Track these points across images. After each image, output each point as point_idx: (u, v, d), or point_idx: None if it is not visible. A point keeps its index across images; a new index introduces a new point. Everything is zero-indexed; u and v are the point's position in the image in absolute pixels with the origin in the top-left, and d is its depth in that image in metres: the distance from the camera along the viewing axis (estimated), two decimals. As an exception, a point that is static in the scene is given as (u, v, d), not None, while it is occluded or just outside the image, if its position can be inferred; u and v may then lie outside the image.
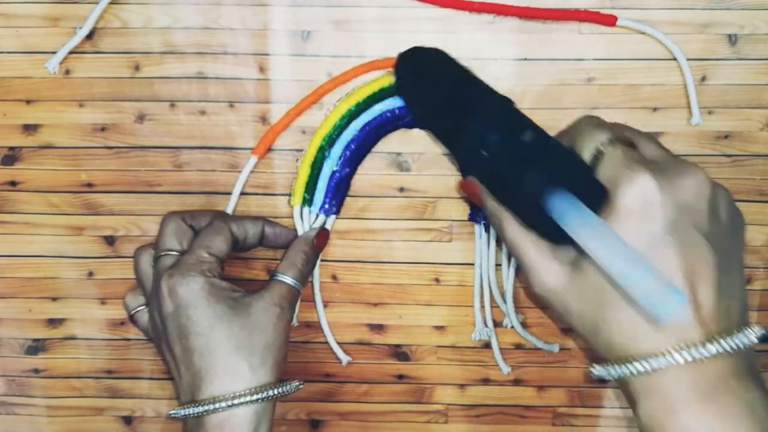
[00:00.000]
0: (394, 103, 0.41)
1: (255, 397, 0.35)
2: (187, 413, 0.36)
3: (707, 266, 0.28)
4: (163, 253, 0.38)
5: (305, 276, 0.40)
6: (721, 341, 0.27)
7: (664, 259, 0.28)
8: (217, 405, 0.35)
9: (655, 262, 0.27)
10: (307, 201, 0.42)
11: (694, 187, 0.29)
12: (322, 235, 0.42)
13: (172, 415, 0.37)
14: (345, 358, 0.45)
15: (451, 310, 0.44)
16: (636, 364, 0.28)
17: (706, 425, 0.27)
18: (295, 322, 0.44)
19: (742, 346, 0.27)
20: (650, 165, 0.29)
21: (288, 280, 0.39)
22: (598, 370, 0.31)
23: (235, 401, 0.35)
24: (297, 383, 0.38)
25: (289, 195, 0.43)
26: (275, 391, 0.36)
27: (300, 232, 0.42)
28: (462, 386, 0.46)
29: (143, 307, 0.41)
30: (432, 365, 0.46)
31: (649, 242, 0.28)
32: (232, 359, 0.36)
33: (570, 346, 0.45)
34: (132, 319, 0.42)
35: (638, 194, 0.28)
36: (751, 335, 0.28)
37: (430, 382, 0.46)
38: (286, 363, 0.38)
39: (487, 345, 0.45)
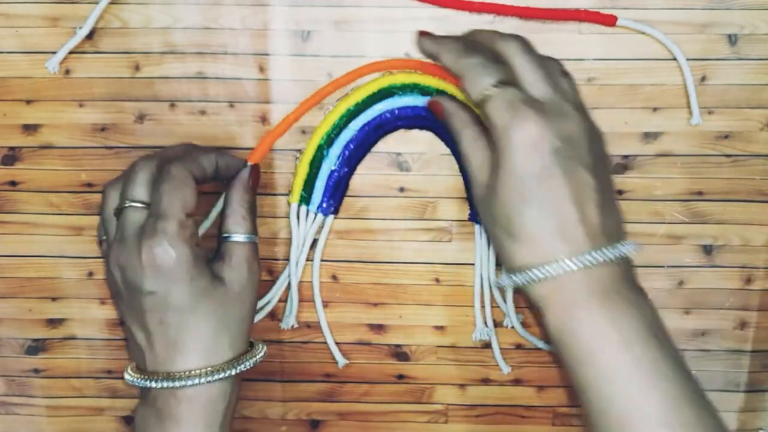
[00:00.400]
0: (393, 103, 0.41)
1: (233, 371, 0.35)
2: (160, 385, 0.35)
3: (591, 190, 0.33)
4: (129, 204, 0.36)
5: (255, 224, 0.39)
6: (606, 250, 0.33)
7: (556, 185, 0.33)
8: (195, 381, 0.34)
9: (548, 187, 0.33)
10: (305, 199, 0.42)
11: (573, 126, 0.34)
12: (255, 174, 0.39)
13: (132, 383, 0.36)
14: (342, 361, 0.45)
15: (451, 310, 0.44)
16: (535, 270, 0.33)
17: (602, 318, 0.33)
18: (294, 324, 0.44)
19: (623, 254, 0.33)
20: (535, 104, 0.34)
21: (244, 238, 0.37)
22: (502, 279, 0.35)
23: (215, 376, 0.35)
24: (261, 345, 0.38)
25: (289, 194, 0.43)
26: (250, 362, 0.36)
27: (296, 231, 0.42)
28: (462, 386, 0.46)
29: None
30: (432, 365, 0.45)
31: (540, 171, 0.33)
32: (211, 335, 0.35)
33: (570, 346, 0.45)
34: (100, 243, 0.39)
35: (526, 135, 0.33)
36: (629, 246, 0.34)
37: (430, 382, 0.46)
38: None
39: (487, 345, 0.45)
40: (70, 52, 0.41)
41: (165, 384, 0.35)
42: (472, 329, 0.45)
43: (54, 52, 0.41)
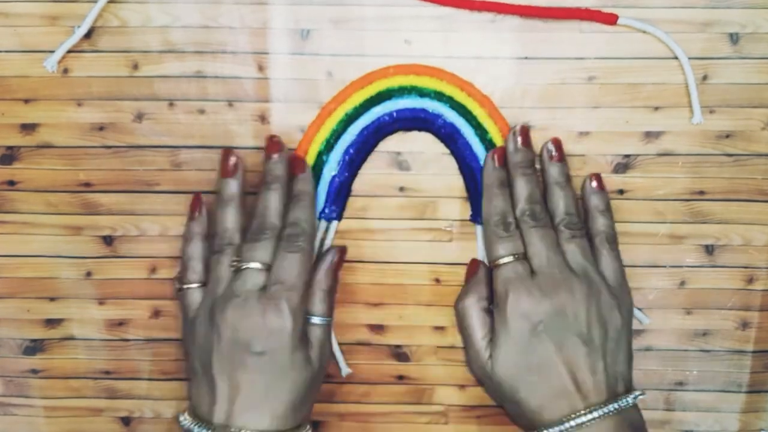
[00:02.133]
0: (391, 105, 0.41)
1: None
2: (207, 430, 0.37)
3: (582, 357, 0.37)
4: (249, 266, 0.38)
5: (332, 307, 0.41)
6: (598, 410, 0.36)
7: (545, 350, 0.37)
8: None
9: (540, 351, 0.37)
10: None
11: (566, 298, 0.37)
12: (340, 257, 0.42)
13: (190, 428, 0.37)
14: (346, 370, 0.45)
15: (451, 311, 0.44)
16: (544, 430, 0.37)
17: None
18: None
19: (616, 409, 0.36)
20: (529, 281, 0.38)
21: (320, 320, 0.40)
22: None
23: None
24: (309, 425, 0.40)
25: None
26: None
27: None
28: (462, 387, 0.46)
29: (196, 286, 0.40)
30: (432, 366, 0.45)
31: (531, 336, 0.38)
32: (288, 403, 0.38)
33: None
34: (178, 292, 0.41)
35: (518, 306, 0.38)
36: (624, 401, 0.37)
37: (430, 383, 0.46)
38: None
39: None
40: (69, 51, 0.41)
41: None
42: (472, 329, 0.45)
43: (52, 51, 0.41)
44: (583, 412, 0.36)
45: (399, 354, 0.45)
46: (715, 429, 0.46)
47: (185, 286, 0.41)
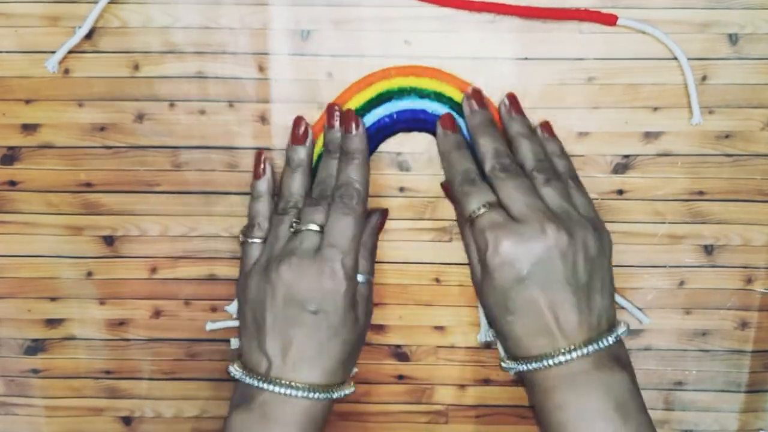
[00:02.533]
0: (392, 107, 0.41)
1: (342, 393, 0.39)
2: (280, 391, 0.38)
3: (566, 299, 0.37)
4: (308, 228, 0.39)
5: (373, 265, 0.42)
6: (579, 350, 0.36)
7: (528, 296, 0.37)
8: (314, 394, 0.38)
9: (523, 298, 0.37)
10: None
11: (548, 242, 0.37)
12: (383, 219, 0.42)
13: (242, 380, 0.39)
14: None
15: (451, 311, 0.44)
16: (524, 363, 0.38)
17: (570, 399, 0.37)
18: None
19: (597, 348, 0.37)
20: (510, 227, 0.37)
21: (362, 278, 0.40)
22: (506, 363, 0.39)
23: (331, 394, 0.38)
24: (352, 388, 0.41)
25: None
26: (349, 390, 0.40)
27: None
28: (462, 386, 0.46)
29: (259, 241, 0.41)
30: (432, 365, 0.45)
31: (515, 284, 0.37)
32: (338, 358, 0.39)
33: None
34: (241, 245, 0.42)
35: (500, 256, 0.37)
36: (606, 340, 0.37)
37: (430, 383, 0.46)
38: None
39: (488, 345, 0.45)
40: (70, 52, 0.41)
41: (285, 391, 0.38)
42: (472, 329, 0.45)
43: (53, 52, 0.41)
44: (563, 350, 0.37)
45: (399, 354, 0.45)
46: (714, 429, 0.46)
47: (249, 240, 0.41)
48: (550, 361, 0.37)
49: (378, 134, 0.42)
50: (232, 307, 0.44)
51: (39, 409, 0.47)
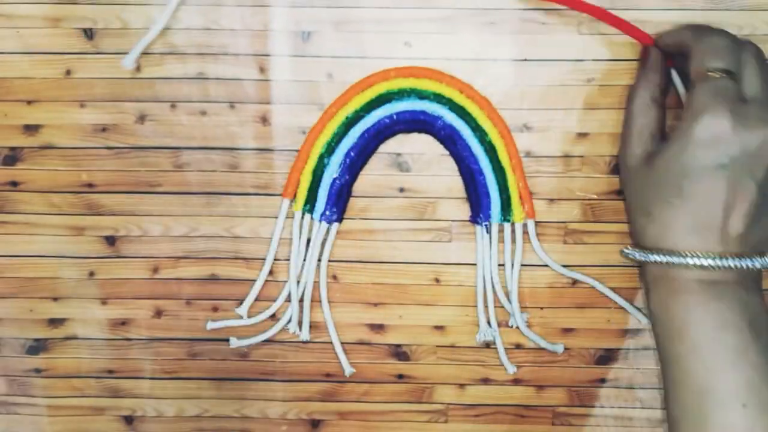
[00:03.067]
0: (391, 108, 0.41)
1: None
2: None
3: (746, 203, 0.34)
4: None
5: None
6: (731, 260, 0.34)
7: (712, 186, 0.34)
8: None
9: (707, 185, 0.34)
10: (308, 208, 0.42)
11: (762, 139, 0.33)
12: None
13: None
14: (349, 370, 0.45)
15: (451, 310, 0.45)
16: (658, 255, 0.35)
17: (702, 304, 0.34)
18: (298, 331, 0.44)
19: (748, 267, 0.34)
20: (738, 106, 0.34)
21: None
22: (629, 250, 0.37)
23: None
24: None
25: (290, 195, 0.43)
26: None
27: (296, 240, 0.43)
28: (462, 386, 0.46)
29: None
30: (432, 365, 0.46)
31: (706, 168, 0.34)
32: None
33: (570, 346, 0.45)
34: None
35: (713, 130, 0.34)
36: (758, 263, 0.34)
37: (430, 382, 0.46)
38: None
39: (487, 345, 0.45)
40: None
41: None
42: (472, 329, 0.45)
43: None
44: (713, 255, 0.34)
45: (399, 353, 0.45)
46: (712, 428, 0.46)
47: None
48: (700, 261, 0.34)
49: (378, 135, 0.42)
50: (243, 309, 0.44)
51: (41, 408, 0.47)
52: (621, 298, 0.44)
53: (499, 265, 0.43)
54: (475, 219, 0.43)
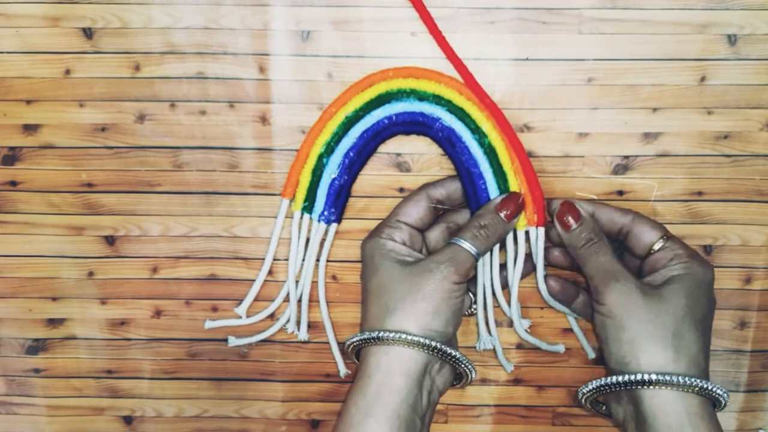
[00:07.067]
0: (390, 109, 0.41)
1: (424, 341, 0.38)
2: (364, 337, 0.38)
3: (693, 333, 0.38)
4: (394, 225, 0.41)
5: (482, 241, 0.40)
6: (689, 379, 0.37)
7: (664, 322, 0.38)
8: (397, 336, 0.37)
9: (660, 320, 0.38)
10: (307, 208, 0.42)
11: (708, 286, 0.40)
12: (509, 200, 0.41)
13: (350, 342, 0.40)
14: (344, 371, 0.45)
15: (451, 310, 0.44)
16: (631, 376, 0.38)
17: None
18: (296, 331, 0.44)
19: (703, 388, 0.37)
20: (694, 258, 0.40)
21: (459, 243, 0.40)
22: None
23: (408, 337, 0.38)
24: (471, 369, 0.40)
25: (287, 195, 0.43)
26: (444, 348, 0.38)
27: (295, 240, 0.43)
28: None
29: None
30: (432, 365, 0.45)
31: (702, 312, 0.39)
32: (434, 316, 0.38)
33: (570, 346, 0.45)
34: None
35: (697, 279, 0.39)
36: (712, 385, 0.37)
37: (430, 382, 0.46)
38: (455, 331, 0.40)
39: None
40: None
41: (373, 335, 0.38)
42: (472, 329, 0.45)
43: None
44: (673, 376, 0.37)
45: (399, 353, 0.45)
46: (713, 428, 0.46)
47: None
48: (659, 378, 0.37)
49: (377, 137, 0.42)
50: (241, 308, 0.44)
51: (40, 408, 0.47)
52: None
53: (501, 264, 0.43)
54: (475, 219, 0.43)
